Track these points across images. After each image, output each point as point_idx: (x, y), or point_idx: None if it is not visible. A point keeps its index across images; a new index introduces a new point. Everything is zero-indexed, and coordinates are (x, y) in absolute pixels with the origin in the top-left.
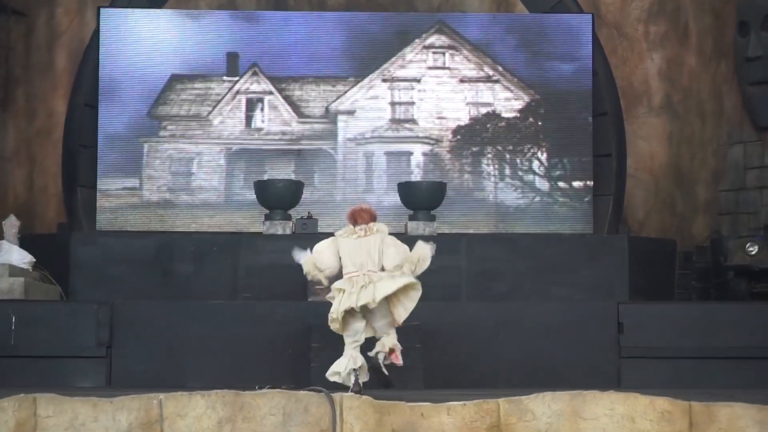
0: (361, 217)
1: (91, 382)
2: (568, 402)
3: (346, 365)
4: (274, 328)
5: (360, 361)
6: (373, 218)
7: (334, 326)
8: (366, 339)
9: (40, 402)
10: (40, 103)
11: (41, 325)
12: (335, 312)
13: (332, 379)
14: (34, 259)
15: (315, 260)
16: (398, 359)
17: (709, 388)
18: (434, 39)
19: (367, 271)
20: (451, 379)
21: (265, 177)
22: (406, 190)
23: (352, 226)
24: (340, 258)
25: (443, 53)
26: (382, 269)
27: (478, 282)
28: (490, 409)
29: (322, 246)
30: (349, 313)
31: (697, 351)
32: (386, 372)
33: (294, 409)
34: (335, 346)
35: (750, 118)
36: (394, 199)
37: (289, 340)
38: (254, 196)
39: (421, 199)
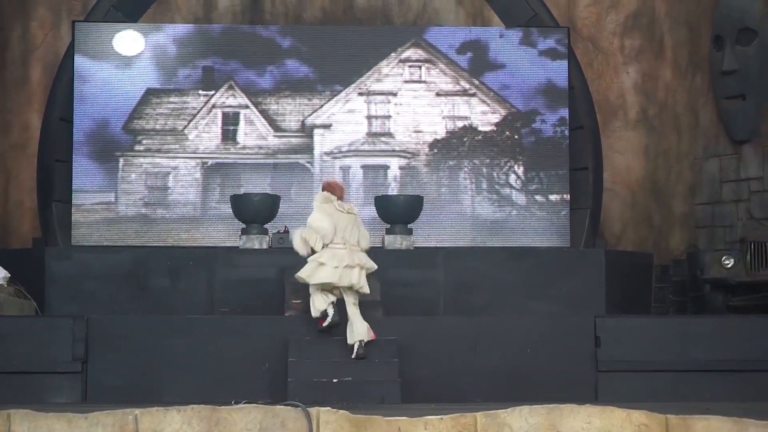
0: (341, 192)
1: (66, 398)
2: (545, 415)
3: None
4: (250, 342)
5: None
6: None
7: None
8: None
9: (14, 418)
10: (15, 117)
11: (16, 341)
12: (315, 279)
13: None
14: (9, 275)
15: (310, 233)
16: (374, 335)
17: (686, 401)
18: (411, 53)
19: (351, 246)
20: (428, 393)
21: (242, 191)
22: (383, 203)
23: (332, 197)
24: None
25: (419, 67)
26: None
27: (455, 295)
28: (467, 422)
29: (318, 217)
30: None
31: (673, 364)
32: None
33: (270, 424)
34: (312, 361)
35: (726, 131)
36: (371, 212)
37: (266, 355)
38: (231, 210)
39: (398, 212)
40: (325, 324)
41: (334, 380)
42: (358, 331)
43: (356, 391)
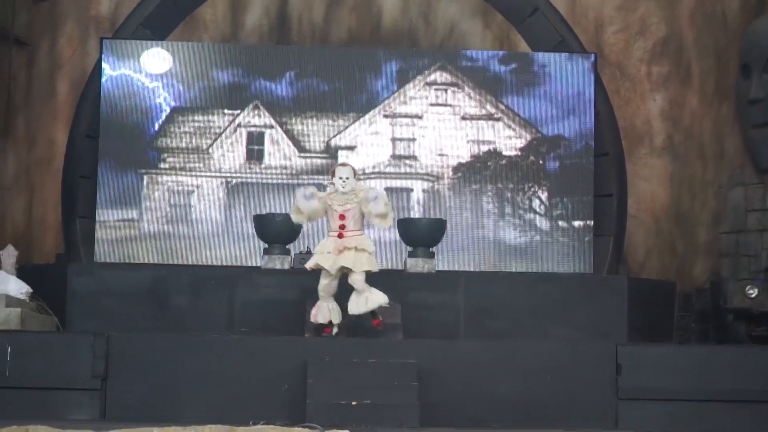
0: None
1: (85, 415)
2: None
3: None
4: (270, 363)
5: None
6: None
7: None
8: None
9: None
10: (41, 133)
11: (36, 356)
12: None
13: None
14: (31, 290)
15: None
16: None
17: (707, 430)
18: (436, 76)
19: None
20: (447, 417)
21: (265, 211)
22: (406, 226)
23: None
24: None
25: (445, 90)
26: None
27: (476, 320)
28: None
29: None
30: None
31: (695, 393)
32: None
33: None
34: (332, 383)
35: (751, 160)
36: (394, 235)
37: (285, 376)
38: (253, 230)
39: (420, 235)
40: (332, 332)
41: (353, 403)
42: (375, 298)
43: (375, 415)
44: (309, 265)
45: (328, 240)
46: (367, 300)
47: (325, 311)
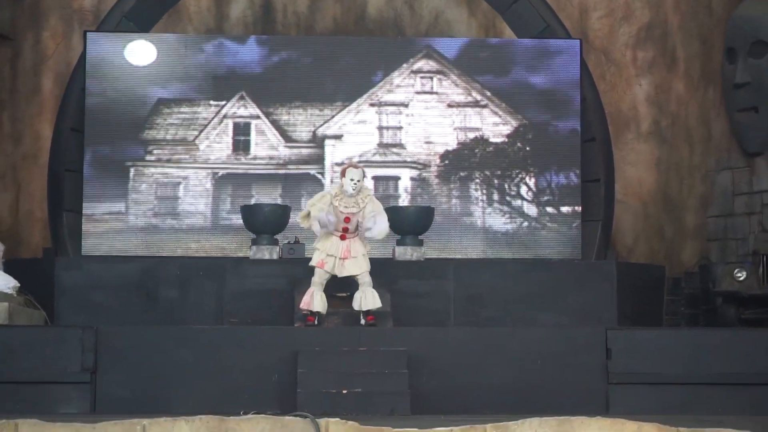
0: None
1: (75, 408)
2: (555, 428)
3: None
4: (260, 353)
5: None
6: None
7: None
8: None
9: (22, 427)
10: (26, 128)
11: (25, 351)
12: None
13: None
14: (19, 284)
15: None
16: (371, 318)
17: (698, 414)
18: (422, 64)
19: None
20: (438, 404)
21: (252, 201)
22: (394, 214)
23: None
24: None
25: (431, 78)
26: None
27: (465, 307)
28: None
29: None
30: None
31: (685, 377)
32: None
33: None
34: (322, 372)
35: (738, 144)
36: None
37: (275, 366)
38: (241, 221)
39: (408, 223)
40: (315, 322)
41: (344, 391)
42: (372, 298)
43: (366, 403)
44: (315, 263)
45: (330, 239)
46: (374, 294)
47: (319, 301)
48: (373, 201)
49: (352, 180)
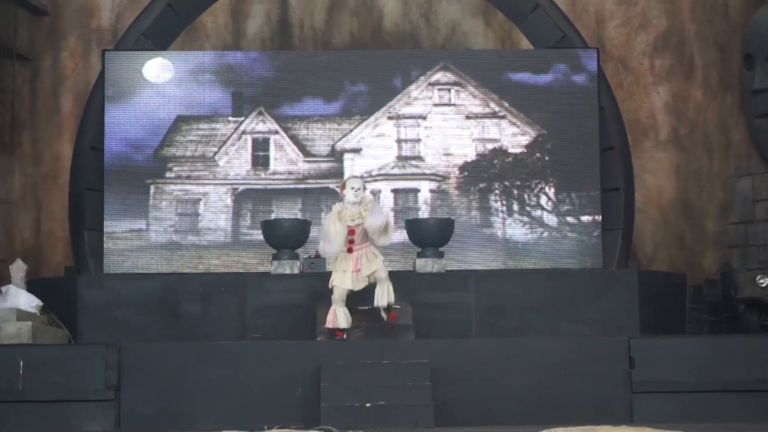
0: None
1: (99, 426)
2: None
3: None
4: (282, 367)
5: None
6: None
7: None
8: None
9: None
10: (46, 147)
11: (49, 369)
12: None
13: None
14: (42, 303)
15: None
16: (394, 317)
17: (722, 421)
18: (439, 76)
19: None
20: (461, 416)
21: (272, 216)
22: (414, 227)
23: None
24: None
25: (449, 90)
26: None
27: (487, 318)
28: None
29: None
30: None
31: (709, 385)
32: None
33: None
34: (345, 386)
35: (757, 150)
36: (402, 236)
37: (298, 380)
38: (261, 236)
39: (429, 236)
40: (344, 336)
41: (367, 405)
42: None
43: (389, 416)
44: (333, 284)
45: (341, 256)
46: (389, 290)
47: (342, 317)
48: (374, 206)
49: (353, 189)
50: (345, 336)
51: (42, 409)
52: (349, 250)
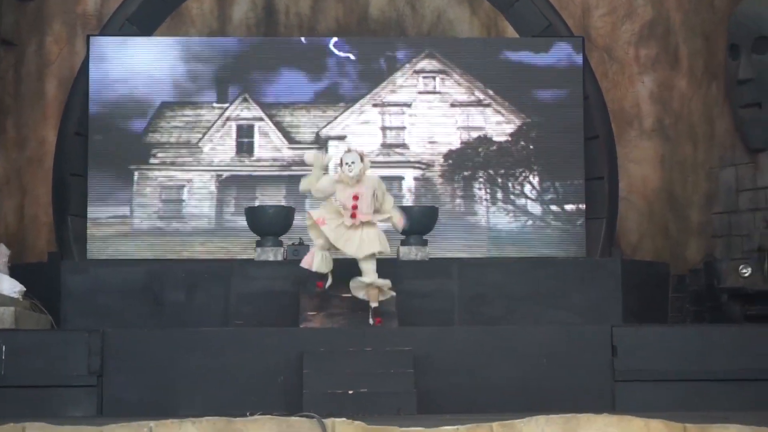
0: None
1: (82, 411)
2: (562, 425)
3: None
4: (266, 354)
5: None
6: None
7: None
8: None
9: (29, 431)
10: (31, 132)
11: (32, 355)
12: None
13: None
14: (24, 289)
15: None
16: (379, 321)
17: (704, 410)
18: (425, 64)
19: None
20: (443, 404)
21: (257, 203)
22: None
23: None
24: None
25: (434, 78)
26: None
27: (470, 306)
28: None
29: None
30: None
31: (691, 374)
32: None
33: None
34: (328, 373)
35: (742, 140)
36: (386, 224)
37: (281, 367)
38: (245, 223)
39: (412, 223)
40: (325, 286)
41: (350, 392)
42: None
43: (372, 403)
44: (315, 217)
45: (335, 210)
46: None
47: (320, 260)
48: (384, 192)
49: (347, 164)
50: (326, 286)
51: (24, 395)
52: (353, 216)
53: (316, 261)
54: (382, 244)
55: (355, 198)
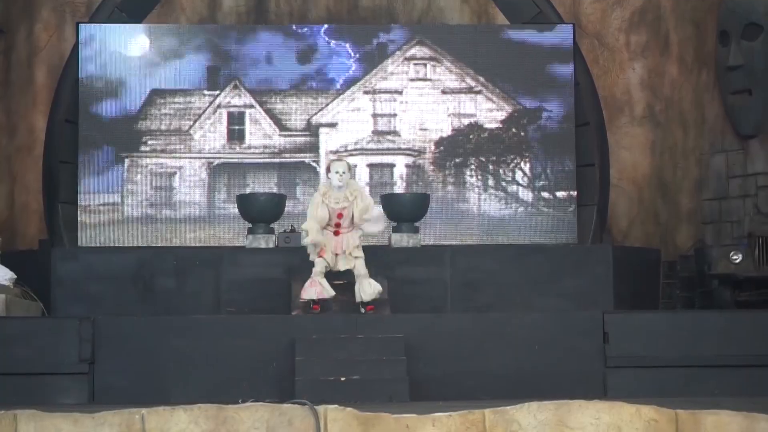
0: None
1: (73, 399)
2: (554, 411)
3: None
4: (257, 342)
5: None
6: None
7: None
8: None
9: (20, 419)
10: (20, 119)
11: (22, 342)
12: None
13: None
14: (15, 276)
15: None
16: (371, 308)
17: (695, 396)
18: (415, 51)
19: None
20: (436, 390)
21: (248, 190)
22: (390, 201)
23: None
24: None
25: (425, 65)
26: None
27: (462, 293)
28: (475, 419)
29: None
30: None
31: (682, 359)
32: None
33: (278, 423)
34: (320, 360)
35: (732, 126)
36: (378, 211)
37: (273, 354)
38: (237, 210)
39: (404, 210)
40: (320, 309)
41: (342, 379)
42: (375, 283)
43: (364, 390)
44: (315, 255)
45: (325, 235)
46: (371, 283)
47: (320, 288)
48: (363, 195)
49: (337, 173)
50: (320, 309)
51: (16, 383)
52: (336, 233)
53: (327, 289)
54: (360, 259)
55: (339, 216)
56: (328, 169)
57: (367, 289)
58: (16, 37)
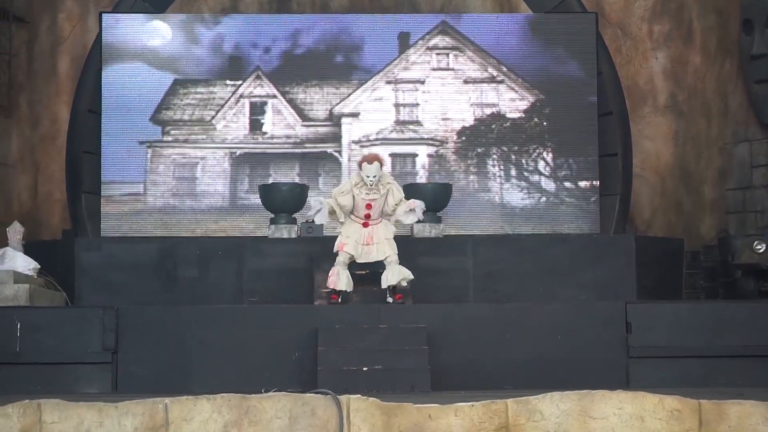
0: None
1: (97, 388)
2: (576, 402)
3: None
4: (280, 331)
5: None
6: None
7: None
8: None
9: (45, 408)
10: (44, 110)
11: (46, 332)
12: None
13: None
14: (39, 266)
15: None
16: (400, 297)
17: (719, 386)
18: (438, 40)
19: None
20: (458, 380)
21: (270, 180)
22: (412, 191)
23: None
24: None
25: (447, 54)
26: None
27: (484, 283)
28: (498, 409)
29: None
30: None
31: (705, 350)
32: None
33: (300, 412)
34: (342, 350)
35: (755, 116)
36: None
37: (295, 344)
38: (259, 200)
39: (426, 200)
40: (339, 300)
41: (364, 368)
42: (404, 270)
43: (386, 380)
44: (338, 248)
45: (352, 225)
46: (401, 270)
47: (344, 279)
48: (394, 189)
49: (368, 177)
50: (339, 300)
51: (39, 372)
52: (365, 225)
53: (341, 280)
54: (392, 248)
55: (368, 207)
56: (360, 166)
57: (396, 271)
58: (39, 28)
